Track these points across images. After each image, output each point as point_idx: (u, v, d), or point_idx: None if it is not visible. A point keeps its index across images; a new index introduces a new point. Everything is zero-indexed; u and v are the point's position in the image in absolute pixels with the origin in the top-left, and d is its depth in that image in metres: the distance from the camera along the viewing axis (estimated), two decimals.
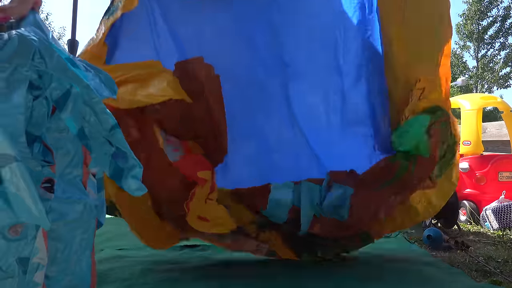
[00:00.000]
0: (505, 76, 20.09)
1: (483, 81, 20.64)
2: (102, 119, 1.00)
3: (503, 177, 3.26)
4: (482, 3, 19.67)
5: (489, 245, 2.54)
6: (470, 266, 2.12)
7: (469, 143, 3.48)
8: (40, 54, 0.96)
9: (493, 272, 2.01)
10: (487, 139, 3.98)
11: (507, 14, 19.64)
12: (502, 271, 2.03)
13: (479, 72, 20.47)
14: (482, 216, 3.11)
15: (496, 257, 2.25)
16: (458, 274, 1.97)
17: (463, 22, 20.43)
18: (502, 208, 2.96)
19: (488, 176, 3.27)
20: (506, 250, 2.40)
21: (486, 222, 3.05)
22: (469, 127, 3.51)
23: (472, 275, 1.98)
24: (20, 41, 0.93)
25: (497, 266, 2.10)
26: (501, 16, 19.75)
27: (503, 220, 2.94)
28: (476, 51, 20.77)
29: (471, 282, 1.86)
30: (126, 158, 1.02)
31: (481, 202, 3.23)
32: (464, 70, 21.20)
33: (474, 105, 3.54)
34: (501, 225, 2.94)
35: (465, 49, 21.03)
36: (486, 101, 3.73)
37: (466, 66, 21.23)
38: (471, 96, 3.83)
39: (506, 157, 3.37)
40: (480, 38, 20.17)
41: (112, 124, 1.01)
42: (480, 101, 3.58)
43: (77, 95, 0.99)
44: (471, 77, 20.91)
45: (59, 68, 0.97)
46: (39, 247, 0.98)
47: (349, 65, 2.03)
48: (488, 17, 19.98)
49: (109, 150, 1.01)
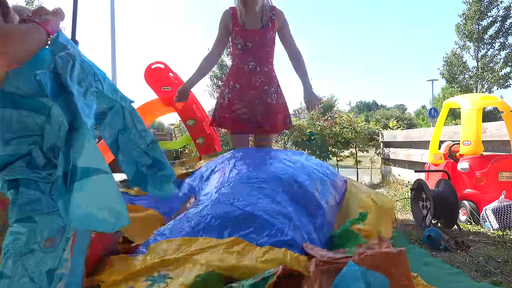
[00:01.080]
0: (505, 76, 20.10)
1: (483, 81, 20.64)
2: (143, 135, 1.19)
3: (503, 177, 3.26)
4: (482, 3, 19.67)
5: (489, 245, 2.55)
6: (470, 266, 2.13)
7: (469, 143, 3.48)
8: (97, 76, 1.07)
9: (493, 272, 2.01)
10: (487, 139, 3.98)
11: (507, 14, 19.65)
12: (502, 271, 2.03)
13: (479, 72, 20.47)
14: (482, 216, 3.11)
15: (496, 257, 2.25)
16: (458, 274, 1.97)
17: (463, 22, 20.43)
18: (502, 208, 2.96)
19: (488, 176, 3.27)
20: (506, 250, 2.40)
21: (486, 222, 3.05)
22: (469, 127, 3.51)
23: (472, 275, 1.98)
24: (82, 65, 1.01)
25: (497, 266, 2.11)
26: (501, 16, 19.76)
27: (503, 220, 2.94)
28: (476, 51, 20.78)
29: (471, 282, 1.86)
30: (164, 168, 1.22)
31: (481, 202, 3.23)
32: (464, 70, 21.21)
33: (474, 105, 3.54)
34: (501, 225, 2.94)
35: (465, 49, 21.04)
36: (486, 101, 3.73)
37: (466, 66, 21.23)
38: (471, 96, 3.83)
39: (506, 157, 3.37)
40: (480, 38, 20.18)
41: (152, 139, 1.21)
42: (480, 101, 3.58)
43: (116, 111, 1.16)
44: (471, 77, 20.91)
45: (110, 90, 1.11)
46: (66, 257, 1.04)
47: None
48: (488, 17, 19.99)
49: (146, 161, 1.20)
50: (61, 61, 0.97)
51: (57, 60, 0.97)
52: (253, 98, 2.74)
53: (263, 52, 2.79)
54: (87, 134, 0.89)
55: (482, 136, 3.65)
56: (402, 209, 3.97)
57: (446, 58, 21.70)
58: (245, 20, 2.77)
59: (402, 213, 3.79)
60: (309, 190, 1.93)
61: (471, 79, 20.93)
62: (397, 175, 6.14)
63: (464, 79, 21.29)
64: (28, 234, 0.97)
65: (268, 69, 2.81)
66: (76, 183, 0.87)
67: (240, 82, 2.78)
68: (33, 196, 1.01)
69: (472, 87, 20.84)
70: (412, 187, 3.27)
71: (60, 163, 0.91)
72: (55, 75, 0.96)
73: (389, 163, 6.69)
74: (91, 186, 0.89)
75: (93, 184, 0.89)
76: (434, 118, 17.14)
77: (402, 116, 37.28)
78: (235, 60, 2.86)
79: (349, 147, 7.48)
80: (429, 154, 4.16)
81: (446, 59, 21.69)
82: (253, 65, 2.77)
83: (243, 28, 2.76)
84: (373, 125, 7.54)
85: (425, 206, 3.03)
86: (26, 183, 1.01)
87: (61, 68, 0.96)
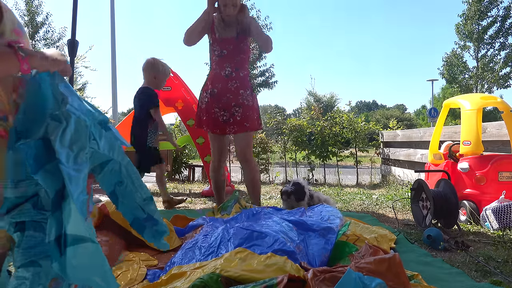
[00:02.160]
0: (505, 76, 20.10)
1: (483, 81, 20.63)
2: (139, 189, 1.21)
3: (503, 177, 3.26)
4: (482, 3, 19.67)
5: (489, 245, 2.55)
6: (470, 266, 2.13)
7: (469, 143, 3.48)
8: (93, 135, 1.06)
9: (493, 272, 2.01)
10: (487, 139, 3.98)
11: (507, 14, 19.65)
12: (502, 271, 2.03)
13: (479, 72, 20.46)
14: (482, 216, 3.11)
15: (496, 257, 2.25)
16: (458, 274, 1.97)
17: (463, 22, 20.43)
18: (502, 208, 2.96)
19: (488, 176, 3.27)
20: (506, 250, 2.40)
21: (486, 222, 3.05)
22: (469, 127, 3.50)
23: (472, 275, 1.98)
24: (76, 126, 1.00)
25: (497, 266, 2.10)
26: (501, 16, 19.75)
27: (503, 220, 2.94)
28: (476, 51, 20.77)
29: (471, 282, 1.86)
30: (157, 225, 1.23)
31: (481, 202, 3.23)
32: (464, 70, 21.20)
33: (474, 105, 3.54)
34: (501, 225, 2.94)
35: (465, 49, 21.03)
36: (486, 101, 3.72)
37: (466, 66, 21.23)
38: (471, 96, 3.82)
39: (506, 157, 3.36)
40: (480, 38, 20.17)
41: (147, 195, 1.23)
42: (480, 101, 3.58)
43: (112, 167, 1.17)
44: (471, 77, 20.90)
45: (108, 146, 1.11)
46: None
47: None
48: (488, 17, 19.98)
49: (141, 215, 1.22)
50: (53, 124, 0.97)
51: (49, 123, 0.98)
52: (229, 101, 3.03)
53: (238, 59, 3.06)
54: (72, 204, 0.92)
55: (482, 136, 3.64)
56: (402, 209, 3.97)
57: (446, 58, 21.70)
58: (221, 30, 3.04)
59: (402, 213, 3.79)
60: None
61: (471, 79, 20.92)
62: (397, 175, 6.14)
63: (464, 79, 21.29)
64: (32, 278, 0.99)
65: (243, 75, 3.09)
66: (69, 248, 0.91)
67: (217, 87, 3.05)
68: (38, 239, 1.02)
69: (472, 87, 20.83)
70: (412, 187, 3.27)
71: (52, 226, 0.94)
72: (45, 140, 0.97)
73: (389, 163, 6.69)
74: (80, 254, 0.92)
75: (81, 253, 0.93)
76: (434, 118, 17.15)
77: (402, 116, 37.31)
78: (213, 65, 3.13)
79: (349, 147, 7.49)
80: (429, 154, 4.16)
81: (446, 59, 21.69)
82: (229, 70, 3.03)
83: (219, 37, 3.03)
84: (373, 125, 7.53)
85: (425, 206, 3.03)
86: (33, 225, 1.02)
87: (52, 133, 0.96)
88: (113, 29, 11.21)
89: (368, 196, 4.93)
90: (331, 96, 30.20)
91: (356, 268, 1.52)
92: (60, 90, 1.05)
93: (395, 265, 1.50)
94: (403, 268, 1.50)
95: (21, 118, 1.01)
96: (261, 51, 3.68)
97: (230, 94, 3.06)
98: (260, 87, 20.49)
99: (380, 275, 1.43)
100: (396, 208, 3.95)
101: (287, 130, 7.24)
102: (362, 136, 7.07)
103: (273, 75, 20.46)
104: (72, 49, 3.88)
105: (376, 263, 1.51)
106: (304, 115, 9.73)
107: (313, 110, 8.19)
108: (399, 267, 1.49)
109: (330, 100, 29.50)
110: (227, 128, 3.13)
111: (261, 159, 7.27)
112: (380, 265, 1.50)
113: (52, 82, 1.05)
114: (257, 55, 19.60)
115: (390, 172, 6.51)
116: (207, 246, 1.92)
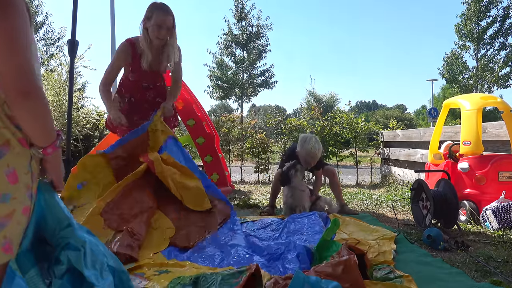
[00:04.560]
0: (505, 76, 20.09)
1: (483, 81, 20.62)
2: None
3: (503, 177, 3.26)
4: (481, 3, 19.66)
5: (489, 245, 2.55)
6: (470, 266, 2.13)
7: (469, 143, 3.48)
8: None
9: (493, 272, 2.01)
10: (487, 139, 3.97)
11: (507, 14, 19.64)
12: (502, 271, 2.03)
13: (479, 72, 20.45)
14: (482, 216, 3.11)
15: (496, 257, 2.25)
16: (458, 274, 1.97)
17: (463, 23, 20.43)
18: (502, 208, 2.96)
19: (488, 176, 3.27)
20: (506, 250, 2.40)
21: (486, 222, 3.05)
22: (469, 127, 3.50)
23: (472, 275, 1.98)
24: (91, 248, 1.13)
25: (497, 266, 2.11)
26: (501, 16, 19.74)
27: (503, 220, 2.94)
28: (475, 51, 20.76)
29: (471, 282, 1.86)
30: None
31: (481, 202, 3.23)
32: (464, 70, 21.20)
33: (474, 105, 3.54)
34: (501, 225, 2.94)
35: (464, 49, 21.02)
36: (486, 101, 3.72)
37: (466, 66, 21.22)
38: (471, 96, 3.82)
39: (506, 157, 3.36)
40: (479, 38, 20.16)
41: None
42: (480, 101, 3.58)
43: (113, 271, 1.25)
44: (471, 77, 20.89)
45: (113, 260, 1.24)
46: None
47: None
48: (488, 17, 19.98)
49: None
50: (74, 254, 1.07)
51: (70, 254, 1.07)
52: (147, 110, 3.05)
53: (156, 78, 3.10)
54: None
55: (482, 136, 3.64)
56: (402, 209, 3.97)
57: (446, 58, 21.70)
58: (147, 62, 2.96)
59: (402, 213, 3.79)
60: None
61: (471, 79, 20.91)
62: (397, 175, 6.14)
63: (464, 79, 21.27)
64: None
65: (160, 85, 3.13)
66: None
67: (136, 96, 3.07)
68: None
69: (472, 87, 20.82)
70: (412, 187, 3.27)
71: None
72: (73, 270, 1.07)
73: (389, 163, 6.69)
74: None
75: None
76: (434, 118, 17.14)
77: (402, 116, 37.27)
78: (133, 75, 3.07)
79: (349, 147, 7.48)
80: (429, 154, 4.16)
81: (446, 59, 21.68)
82: (147, 84, 3.07)
83: (142, 69, 2.98)
84: (373, 125, 7.53)
85: (425, 206, 3.03)
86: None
87: (76, 262, 1.07)
88: (113, 29, 11.21)
89: (368, 196, 4.93)
90: (331, 96, 30.14)
91: (315, 272, 1.63)
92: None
93: (350, 267, 1.61)
94: (357, 270, 1.62)
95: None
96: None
97: (147, 104, 3.08)
98: (260, 87, 20.49)
99: (336, 278, 1.54)
100: (396, 208, 3.95)
101: (287, 130, 7.23)
102: (362, 136, 7.07)
103: (273, 75, 20.48)
104: (72, 49, 3.88)
105: (332, 266, 1.62)
106: (304, 115, 9.69)
107: (313, 110, 8.18)
108: (354, 269, 1.61)
109: (330, 100, 29.44)
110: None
111: (261, 159, 7.27)
112: (336, 268, 1.61)
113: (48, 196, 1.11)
114: (257, 55, 19.61)
115: (390, 172, 6.51)
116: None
